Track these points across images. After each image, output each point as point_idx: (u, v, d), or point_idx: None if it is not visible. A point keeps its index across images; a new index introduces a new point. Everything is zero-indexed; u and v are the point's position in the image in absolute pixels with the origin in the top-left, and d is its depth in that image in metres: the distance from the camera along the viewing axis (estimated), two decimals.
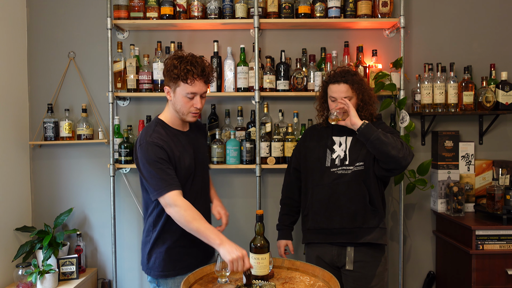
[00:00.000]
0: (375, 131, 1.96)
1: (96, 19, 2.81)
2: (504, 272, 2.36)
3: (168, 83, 1.86)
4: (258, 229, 1.74)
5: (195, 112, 1.87)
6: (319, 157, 2.16)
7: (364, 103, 2.12)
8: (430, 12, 2.83)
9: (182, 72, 1.78)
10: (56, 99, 2.84)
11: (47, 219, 2.82)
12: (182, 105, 1.85)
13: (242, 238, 2.83)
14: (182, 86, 1.81)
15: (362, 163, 2.08)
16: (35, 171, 2.86)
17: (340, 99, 2.06)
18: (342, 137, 2.16)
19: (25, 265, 2.52)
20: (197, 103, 1.84)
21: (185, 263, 1.91)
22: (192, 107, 1.85)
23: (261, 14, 2.66)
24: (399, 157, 1.93)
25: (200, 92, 1.84)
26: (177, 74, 1.79)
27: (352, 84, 2.08)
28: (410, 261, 2.87)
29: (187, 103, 1.84)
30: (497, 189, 2.51)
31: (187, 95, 1.82)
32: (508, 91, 2.60)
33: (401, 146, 1.96)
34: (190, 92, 1.82)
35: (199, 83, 1.82)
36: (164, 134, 1.87)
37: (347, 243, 2.10)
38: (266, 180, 2.84)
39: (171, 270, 1.89)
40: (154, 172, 1.78)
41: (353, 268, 2.09)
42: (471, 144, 2.75)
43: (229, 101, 2.84)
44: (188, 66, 1.79)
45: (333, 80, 2.12)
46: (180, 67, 1.78)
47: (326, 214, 2.11)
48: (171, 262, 1.89)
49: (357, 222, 2.07)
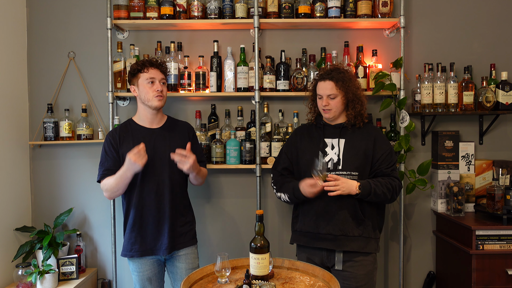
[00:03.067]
0: (369, 190, 2.01)
1: (96, 19, 2.81)
2: (504, 272, 2.36)
3: (132, 82, 2.21)
4: (258, 229, 1.74)
5: (159, 95, 2.17)
6: (312, 159, 2.13)
7: (349, 101, 2.11)
8: (430, 12, 2.83)
9: (139, 66, 2.18)
10: (56, 99, 2.84)
11: (47, 219, 2.82)
12: (146, 92, 2.16)
13: (242, 238, 2.84)
14: (142, 75, 2.17)
15: (357, 174, 2.08)
16: (35, 171, 2.86)
17: (330, 178, 2.00)
18: (335, 139, 2.15)
19: (25, 265, 2.52)
20: (157, 86, 2.17)
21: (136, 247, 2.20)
22: (154, 91, 2.16)
23: (261, 14, 2.66)
24: (390, 199, 2.10)
25: (158, 77, 2.18)
26: (135, 69, 2.19)
27: (337, 81, 2.08)
28: (410, 261, 2.87)
29: (150, 88, 2.16)
30: (497, 189, 2.51)
31: (148, 81, 2.16)
32: (508, 91, 2.60)
33: (392, 188, 2.06)
34: (149, 77, 2.16)
35: (154, 70, 2.19)
36: (121, 128, 2.22)
37: (332, 249, 2.10)
38: (266, 180, 2.84)
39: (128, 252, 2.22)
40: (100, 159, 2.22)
41: (342, 268, 2.09)
42: (471, 144, 2.75)
43: (229, 101, 2.83)
44: (144, 61, 2.20)
45: (320, 78, 2.14)
46: (137, 64, 2.20)
47: (315, 219, 2.11)
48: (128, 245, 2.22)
49: (344, 230, 2.06)
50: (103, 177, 2.15)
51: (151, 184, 2.16)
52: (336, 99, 2.09)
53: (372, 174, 2.12)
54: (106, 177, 2.14)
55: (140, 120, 2.25)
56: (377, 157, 2.10)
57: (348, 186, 2.00)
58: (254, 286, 1.65)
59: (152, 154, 2.14)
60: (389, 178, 2.08)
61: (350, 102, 2.11)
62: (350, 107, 2.12)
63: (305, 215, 2.15)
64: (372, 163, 2.11)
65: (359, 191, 2.00)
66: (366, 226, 2.09)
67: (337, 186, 1.99)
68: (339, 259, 2.09)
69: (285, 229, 2.84)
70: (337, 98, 2.09)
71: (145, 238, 2.19)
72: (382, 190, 2.03)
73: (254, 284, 1.66)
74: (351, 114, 2.12)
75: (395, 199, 2.12)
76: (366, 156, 2.10)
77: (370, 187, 2.01)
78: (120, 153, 2.17)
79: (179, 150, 2.07)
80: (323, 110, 2.13)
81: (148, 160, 2.06)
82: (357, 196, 2.02)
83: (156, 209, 2.17)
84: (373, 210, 2.12)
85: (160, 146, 2.19)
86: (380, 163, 2.10)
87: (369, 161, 2.10)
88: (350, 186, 2.00)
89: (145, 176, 2.15)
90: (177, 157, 2.06)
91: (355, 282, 2.07)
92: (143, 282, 2.22)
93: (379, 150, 2.11)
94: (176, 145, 2.16)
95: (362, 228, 2.08)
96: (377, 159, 2.10)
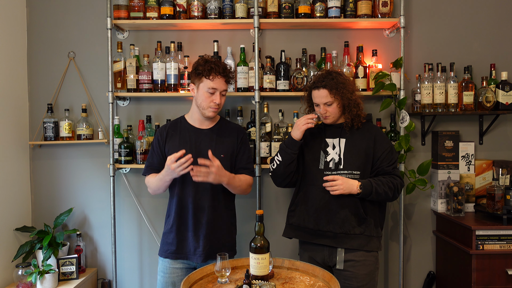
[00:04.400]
0: (370, 189, 2.02)
1: (96, 19, 2.81)
2: (504, 272, 2.36)
3: (193, 80, 2.12)
4: (258, 229, 1.74)
5: (215, 108, 2.10)
6: (314, 158, 2.16)
7: (346, 106, 2.12)
8: (430, 12, 2.83)
9: (206, 69, 2.05)
10: (56, 99, 2.84)
11: (47, 219, 2.82)
12: (203, 99, 2.09)
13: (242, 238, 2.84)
14: (205, 81, 2.07)
15: (359, 173, 2.09)
16: (35, 171, 2.86)
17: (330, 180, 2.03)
18: (335, 139, 2.16)
19: (25, 265, 2.52)
20: (216, 99, 2.08)
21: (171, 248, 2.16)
22: (212, 102, 2.08)
23: (261, 14, 2.66)
24: (392, 198, 2.11)
25: (220, 89, 2.09)
26: (201, 71, 2.07)
27: (331, 89, 2.08)
28: (410, 261, 2.87)
29: (208, 98, 2.08)
30: (497, 189, 2.51)
31: (208, 90, 2.07)
32: (508, 91, 2.60)
33: (394, 187, 2.07)
34: (211, 87, 2.07)
35: (220, 80, 2.08)
36: (171, 125, 2.20)
37: (335, 246, 2.10)
38: (266, 180, 2.84)
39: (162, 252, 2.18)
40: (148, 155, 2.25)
41: (344, 267, 2.09)
42: (471, 144, 2.75)
43: (229, 101, 2.83)
44: (212, 65, 2.07)
45: (314, 86, 2.14)
46: (205, 66, 2.06)
47: (314, 215, 2.11)
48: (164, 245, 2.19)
49: (344, 228, 2.07)
50: (147, 173, 2.18)
51: (191, 187, 2.10)
52: (332, 106, 2.11)
53: (373, 172, 2.13)
54: (150, 173, 2.16)
55: (191, 119, 2.20)
56: (378, 156, 2.11)
57: (348, 186, 2.01)
58: (254, 286, 1.65)
59: (195, 155, 2.03)
60: (390, 177, 2.09)
61: (346, 107, 2.13)
62: (346, 111, 2.14)
63: (303, 210, 2.15)
64: (373, 161, 2.12)
65: (360, 191, 2.01)
66: (368, 224, 2.09)
67: (336, 186, 2.00)
68: (340, 259, 2.09)
69: None
70: (333, 105, 2.11)
71: (182, 241, 2.13)
72: (384, 189, 2.04)
73: (254, 284, 1.66)
74: (348, 118, 2.14)
75: (397, 197, 2.13)
76: (367, 155, 2.11)
77: (372, 186, 2.02)
78: (165, 150, 2.15)
79: (201, 161, 1.96)
80: (322, 117, 2.15)
81: (195, 157, 2.00)
82: (358, 195, 2.03)
83: (194, 213, 2.10)
84: (375, 208, 2.13)
85: (204, 148, 2.10)
86: (381, 161, 2.11)
87: (370, 160, 2.12)
88: (350, 186, 2.01)
89: (186, 178, 2.08)
90: (198, 171, 1.95)
91: (356, 282, 2.07)
92: (167, 285, 2.14)
93: (380, 149, 2.12)
94: (222, 149, 2.12)
95: (364, 226, 2.08)
96: (378, 157, 2.11)
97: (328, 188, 2.03)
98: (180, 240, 2.13)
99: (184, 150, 1.96)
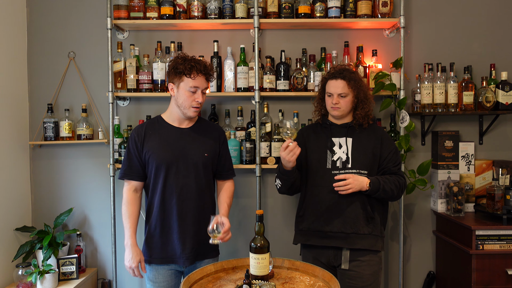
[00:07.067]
0: (378, 186, 2.03)
1: (96, 19, 2.81)
2: (504, 272, 2.36)
3: (173, 80, 2.04)
4: (258, 229, 1.74)
5: (196, 107, 2.04)
6: (320, 158, 2.15)
7: (359, 101, 2.14)
8: (430, 12, 2.83)
9: (187, 68, 1.99)
10: (56, 99, 2.84)
11: (47, 219, 2.82)
12: (184, 99, 2.02)
13: (241, 238, 2.84)
14: (186, 80, 2.00)
15: (366, 172, 2.10)
16: (35, 171, 2.86)
17: (340, 180, 2.03)
18: (342, 138, 2.16)
19: (25, 265, 2.52)
20: (198, 97, 2.02)
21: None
22: (194, 101, 2.03)
23: (261, 14, 2.66)
24: (396, 197, 2.12)
25: (201, 87, 2.03)
26: (182, 69, 2.00)
27: (349, 80, 2.10)
28: (410, 261, 2.87)
29: (189, 97, 2.02)
30: (497, 189, 2.51)
31: (190, 89, 2.00)
32: (508, 91, 2.60)
33: (399, 186, 2.09)
34: (193, 86, 2.00)
35: (201, 78, 2.02)
36: (149, 125, 2.12)
37: (341, 247, 2.10)
38: (266, 180, 2.84)
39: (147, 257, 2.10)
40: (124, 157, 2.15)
41: (349, 267, 2.09)
42: (471, 144, 2.75)
43: (229, 101, 2.84)
44: (192, 63, 2.00)
45: (331, 76, 2.15)
46: (185, 64, 2.00)
47: (325, 217, 2.10)
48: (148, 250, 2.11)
49: (355, 228, 2.07)
50: (124, 177, 2.11)
51: (174, 188, 2.04)
52: (346, 98, 2.11)
53: (379, 172, 2.15)
54: (128, 178, 2.10)
55: (169, 119, 2.12)
56: (385, 156, 2.14)
57: (359, 183, 2.02)
58: (254, 286, 1.65)
59: (178, 154, 2.04)
60: (396, 176, 2.12)
61: (360, 102, 2.14)
62: (359, 107, 2.14)
63: (313, 213, 2.14)
64: (380, 161, 2.14)
65: (369, 187, 2.03)
66: (376, 223, 2.10)
67: (349, 185, 2.01)
68: (345, 258, 2.09)
69: (286, 229, 2.84)
70: (347, 97, 2.11)
71: (166, 244, 2.06)
72: (390, 187, 2.05)
73: (254, 284, 1.66)
74: (360, 114, 2.14)
75: (400, 196, 2.15)
76: (374, 155, 2.13)
77: (379, 183, 2.04)
78: (144, 151, 2.07)
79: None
80: (331, 108, 2.14)
81: (172, 161, 2.01)
82: (366, 192, 2.04)
83: (179, 214, 2.04)
84: (380, 206, 2.15)
85: (188, 148, 2.07)
86: (387, 161, 2.13)
87: (377, 160, 2.13)
88: (361, 183, 2.02)
89: (168, 178, 2.04)
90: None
91: (361, 282, 2.07)
92: None
93: (386, 149, 2.14)
94: (205, 147, 2.10)
95: (372, 226, 2.09)
96: (385, 158, 2.13)
97: (341, 189, 2.01)
98: (164, 243, 2.07)
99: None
